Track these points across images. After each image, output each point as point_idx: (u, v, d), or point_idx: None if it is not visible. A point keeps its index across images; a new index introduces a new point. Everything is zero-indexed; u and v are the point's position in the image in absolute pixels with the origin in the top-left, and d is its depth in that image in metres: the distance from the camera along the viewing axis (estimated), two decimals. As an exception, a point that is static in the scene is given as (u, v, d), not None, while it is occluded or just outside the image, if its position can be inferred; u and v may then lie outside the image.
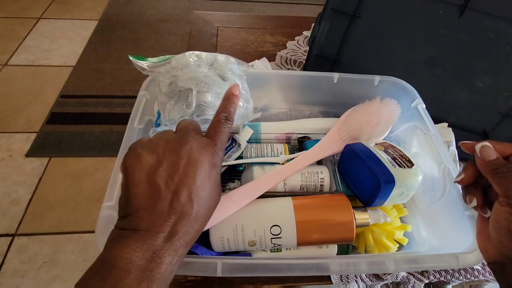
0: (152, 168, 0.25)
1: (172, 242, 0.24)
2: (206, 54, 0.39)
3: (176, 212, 0.24)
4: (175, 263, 0.24)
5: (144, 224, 0.24)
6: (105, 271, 0.22)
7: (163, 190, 0.25)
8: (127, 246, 0.23)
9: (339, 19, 0.50)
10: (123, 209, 0.25)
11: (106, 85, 1.58)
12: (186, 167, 0.25)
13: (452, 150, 0.48)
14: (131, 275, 0.22)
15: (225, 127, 0.29)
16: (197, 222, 0.26)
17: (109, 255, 0.23)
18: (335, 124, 0.45)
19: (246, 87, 0.41)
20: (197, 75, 0.36)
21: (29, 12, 1.98)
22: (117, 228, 0.25)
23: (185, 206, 0.25)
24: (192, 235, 0.25)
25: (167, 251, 0.24)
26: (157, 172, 0.25)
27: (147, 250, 0.23)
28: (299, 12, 2.20)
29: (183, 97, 0.37)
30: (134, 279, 0.22)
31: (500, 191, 0.27)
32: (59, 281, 0.99)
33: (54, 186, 1.20)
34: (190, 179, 0.25)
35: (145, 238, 0.23)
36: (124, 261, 0.22)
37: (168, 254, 0.24)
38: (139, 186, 0.25)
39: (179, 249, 0.24)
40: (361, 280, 0.41)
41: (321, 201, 0.37)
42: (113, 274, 0.22)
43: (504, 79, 0.48)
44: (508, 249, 0.26)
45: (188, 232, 0.25)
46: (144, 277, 0.22)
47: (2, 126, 1.37)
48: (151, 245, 0.23)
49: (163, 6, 2.14)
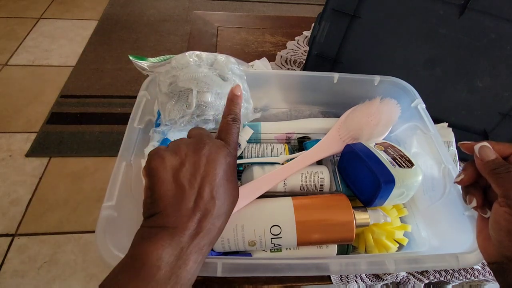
0: (176, 169, 0.26)
1: (198, 240, 0.25)
2: (206, 54, 0.39)
3: (200, 209, 0.26)
4: (200, 262, 0.25)
5: (171, 221, 0.25)
6: (136, 267, 0.23)
7: (187, 188, 0.26)
8: (157, 243, 0.23)
9: (339, 19, 0.50)
10: (149, 209, 0.26)
11: (106, 85, 1.58)
12: (206, 166, 0.27)
13: (452, 150, 0.48)
14: (161, 271, 0.23)
15: (234, 127, 0.31)
16: (219, 219, 0.27)
17: (139, 252, 0.24)
18: (335, 124, 0.45)
19: (246, 87, 0.41)
20: (197, 75, 0.36)
21: (29, 12, 1.98)
22: (144, 227, 0.26)
23: (208, 203, 0.26)
24: (215, 233, 0.27)
25: (194, 248, 0.25)
26: (181, 172, 0.26)
27: (175, 247, 0.24)
28: (299, 12, 2.20)
29: (183, 97, 0.37)
30: (164, 275, 0.23)
31: (499, 192, 0.27)
32: (59, 281, 0.99)
33: (54, 186, 1.20)
34: (211, 178, 0.27)
35: (173, 234, 0.24)
36: (155, 258, 0.23)
37: (195, 252, 0.25)
38: (165, 186, 0.26)
39: (204, 247, 0.25)
40: (361, 280, 0.41)
41: (321, 201, 0.37)
42: (144, 271, 0.23)
43: (504, 79, 0.48)
44: (508, 249, 0.26)
45: (212, 229, 0.26)
46: (172, 273, 0.23)
47: (2, 126, 1.37)
48: (178, 242, 0.24)
49: (163, 6, 2.14)
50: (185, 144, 0.28)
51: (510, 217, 0.25)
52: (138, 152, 0.38)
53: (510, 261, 0.26)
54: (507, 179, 0.27)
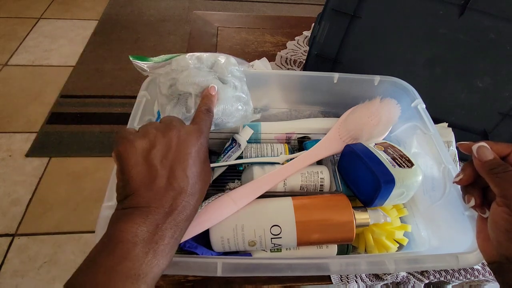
0: (146, 151, 0.27)
1: (174, 216, 0.26)
2: (207, 56, 0.38)
3: (174, 188, 0.26)
4: (177, 237, 0.26)
5: (144, 201, 0.25)
6: (112, 245, 0.23)
7: (159, 168, 0.26)
8: (131, 221, 0.24)
9: (339, 19, 0.50)
10: (121, 193, 0.26)
11: (106, 85, 1.58)
12: (178, 146, 0.28)
13: (452, 150, 0.48)
14: (137, 247, 0.23)
15: (207, 116, 0.33)
16: (194, 197, 0.27)
17: (114, 231, 0.24)
18: (335, 124, 0.45)
19: (246, 90, 0.40)
20: (197, 79, 0.36)
21: (29, 12, 1.98)
22: (118, 209, 0.26)
23: (181, 181, 0.27)
24: (190, 209, 0.27)
25: (169, 224, 0.25)
26: (151, 153, 0.27)
27: (150, 224, 0.24)
28: (299, 12, 2.20)
29: (182, 100, 0.36)
30: (140, 251, 0.23)
31: (497, 191, 0.27)
32: (59, 281, 0.99)
33: (54, 186, 1.20)
34: (182, 156, 0.27)
35: (147, 213, 0.25)
36: (130, 235, 0.23)
37: (170, 228, 0.25)
38: (136, 168, 0.26)
39: (180, 223, 0.26)
40: (361, 280, 0.41)
41: (321, 201, 0.37)
42: (120, 247, 0.23)
43: (504, 79, 0.48)
44: (507, 249, 0.26)
45: (187, 206, 0.27)
46: (149, 248, 0.24)
47: (2, 126, 1.37)
48: (153, 220, 0.25)
49: (163, 6, 2.14)
50: (154, 127, 0.28)
51: (508, 217, 0.25)
52: (138, 152, 0.38)
53: (509, 261, 0.26)
54: (505, 179, 0.27)
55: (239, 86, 0.39)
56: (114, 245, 0.23)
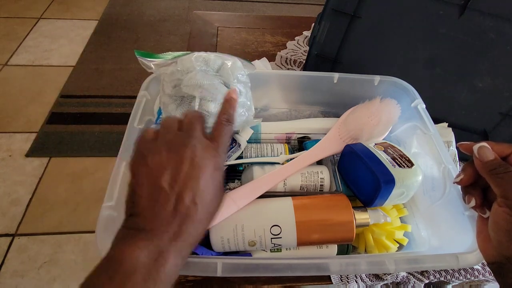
0: (156, 171, 0.26)
1: (177, 243, 0.24)
2: (213, 58, 0.37)
3: (180, 214, 0.25)
4: (179, 264, 0.25)
5: (149, 224, 0.24)
6: (112, 269, 0.22)
7: (168, 192, 0.25)
8: (134, 245, 0.23)
9: (339, 19, 0.50)
10: (130, 209, 0.26)
11: (106, 85, 1.58)
12: (190, 170, 0.26)
13: (452, 150, 0.48)
14: (137, 274, 0.22)
15: (227, 128, 0.30)
16: (201, 224, 0.26)
17: (116, 254, 0.23)
18: (335, 124, 0.45)
19: (250, 96, 0.40)
20: (202, 82, 0.35)
21: (29, 12, 1.98)
22: (124, 227, 0.25)
23: (189, 208, 0.25)
24: (195, 237, 0.26)
25: (172, 251, 0.24)
26: (161, 175, 0.25)
27: (153, 250, 0.23)
28: (299, 12, 2.20)
29: (186, 102, 0.36)
30: (140, 278, 0.22)
31: (498, 192, 0.27)
32: (59, 281, 0.99)
33: (54, 186, 1.20)
34: (194, 182, 0.26)
35: (151, 238, 0.24)
36: (131, 260, 0.22)
37: (173, 255, 0.24)
38: (144, 188, 0.25)
39: (183, 250, 0.25)
40: (361, 280, 0.41)
41: (321, 201, 0.37)
42: (120, 273, 0.22)
43: (504, 79, 0.48)
44: (507, 250, 0.26)
45: (192, 233, 0.25)
46: (150, 277, 0.23)
47: (2, 126, 1.37)
48: (156, 245, 0.24)
49: (163, 6, 2.14)
50: (170, 142, 0.27)
51: (509, 218, 0.25)
52: (138, 152, 0.38)
53: (509, 261, 0.26)
54: (506, 180, 0.27)
55: (244, 92, 0.39)
56: (114, 270, 0.22)
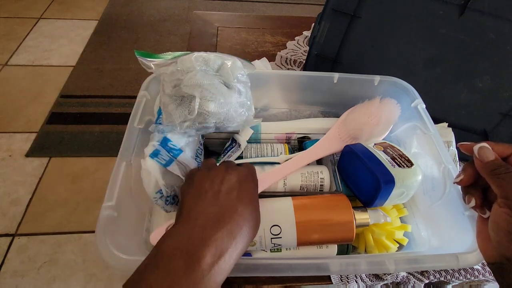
0: (207, 190, 0.29)
1: (219, 263, 0.25)
2: (213, 58, 0.38)
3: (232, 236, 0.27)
4: (220, 281, 0.26)
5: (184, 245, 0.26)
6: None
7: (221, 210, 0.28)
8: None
9: (339, 19, 0.50)
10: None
11: (106, 85, 1.58)
12: (239, 191, 0.30)
13: (452, 150, 0.48)
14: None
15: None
16: (245, 238, 0.28)
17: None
18: (335, 124, 0.45)
19: (250, 95, 0.40)
20: (202, 82, 0.35)
21: (29, 12, 1.98)
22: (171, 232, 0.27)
23: (237, 223, 0.27)
24: (239, 253, 0.27)
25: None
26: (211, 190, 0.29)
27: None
28: (299, 12, 2.20)
29: (186, 102, 0.36)
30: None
31: (498, 192, 0.27)
32: (59, 281, 0.99)
33: (54, 186, 1.20)
34: (243, 200, 0.29)
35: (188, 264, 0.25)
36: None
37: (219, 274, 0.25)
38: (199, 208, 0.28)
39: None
40: (361, 280, 0.41)
41: (321, 201, 0.36)
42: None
43: (504, 79, 0.48)
44: (507, 250, 0.26)
45: (235, 255, 0.27)
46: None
47: (2, 126, 1.37)
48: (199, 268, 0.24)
49: (163, 6, 2.14)
50: (216, 170, 0.32)
51: (509, 218, 0.25)
52: (138, 152, 0.38)
53: (509, 261, 0.26)
54: (506, 180, 0.26)
55: (243, 92, 0.39)
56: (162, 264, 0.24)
